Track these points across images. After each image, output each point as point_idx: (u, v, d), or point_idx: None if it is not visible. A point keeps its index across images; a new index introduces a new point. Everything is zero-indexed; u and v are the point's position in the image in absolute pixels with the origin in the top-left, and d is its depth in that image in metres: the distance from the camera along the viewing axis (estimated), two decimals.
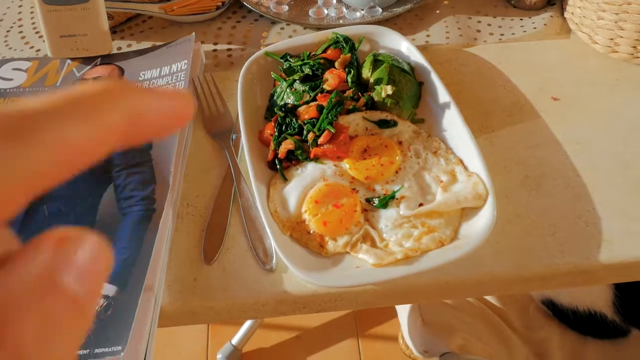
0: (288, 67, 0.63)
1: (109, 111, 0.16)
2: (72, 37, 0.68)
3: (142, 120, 0.17)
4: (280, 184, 0.54)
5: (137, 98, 0.17)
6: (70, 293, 0.14)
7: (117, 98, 0.17)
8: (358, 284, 0.47)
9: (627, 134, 0.59)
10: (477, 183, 0.50)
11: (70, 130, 0.15)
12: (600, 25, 0.64)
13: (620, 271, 0.51)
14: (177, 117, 0.18)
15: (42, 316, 0.13)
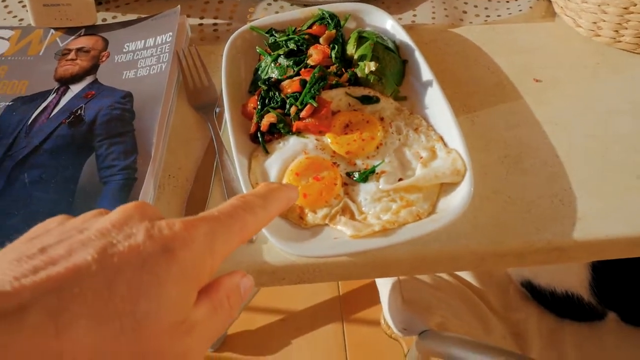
0: (273, 42, 0.63)
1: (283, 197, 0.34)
2: (56, 6, 0.68)
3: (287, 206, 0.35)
4: (262, 157, 0.54)
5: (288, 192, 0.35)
6: (242, 296, 0.30)
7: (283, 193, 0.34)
8: (335, 254, 0.47)
9: (605, 117, 0.60)
10: (456, 159, 0.51)
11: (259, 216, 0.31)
12: (584, 8, 0.65)
13: (594, 249, 0.52)
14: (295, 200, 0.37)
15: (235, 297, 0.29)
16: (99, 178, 0.54)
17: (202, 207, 0.54)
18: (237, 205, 0.30)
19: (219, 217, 0.28)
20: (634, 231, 0.51)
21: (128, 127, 0.57)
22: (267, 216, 0.32)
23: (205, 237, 0.27)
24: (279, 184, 0.36)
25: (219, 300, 0.28)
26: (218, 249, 0.27)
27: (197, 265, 0.26)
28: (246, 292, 0.31)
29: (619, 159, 0.56)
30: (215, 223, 0.28)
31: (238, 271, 0.31)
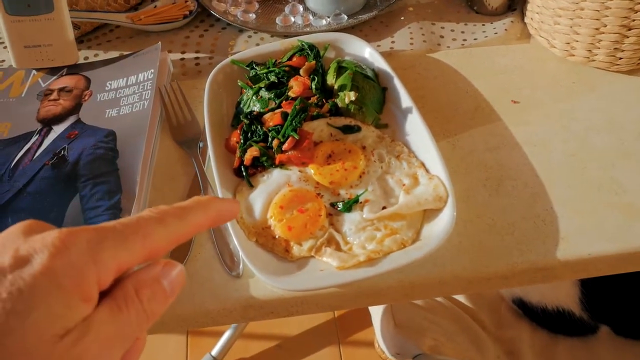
0: (254, 74, 0.63)
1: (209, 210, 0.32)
2: (37, 47, 0.68)
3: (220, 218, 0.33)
4: (246, 191, 0.55)
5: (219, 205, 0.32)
6: (164, 289, 0.28)
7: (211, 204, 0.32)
8: (322, 286, 0.47)
9: (582, 135, 0.61)
10: (438, 185, 0.52)
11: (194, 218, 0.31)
12: (557, 30, 0.66)
13: (578, 267, 0.52)
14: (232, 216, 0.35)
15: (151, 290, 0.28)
16: (84, 219, 0.54)
17: (187, 243, 0.54)
18: (143, 215, 0.28)
19: (113, 226, 0.27)
20: (617, 248, 0.52)
21: (112, 167, 0.57)
22: (184, 228, 0.30)
23: (87, 244, 0.25)
24: (212, 197, 0.32)
25: (123, 297, 0.27)
26: (105, 257, 0.26)
27: (74, 275, 0.25)
28: (174, 283, 0.29)
29: (597, 176, 0.57)
30: (103, 232, 0.26)
31: (160, 262, 0.29)
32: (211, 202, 0.32)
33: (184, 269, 0.30)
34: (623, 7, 0.59)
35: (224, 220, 0.33)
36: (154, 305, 0.28)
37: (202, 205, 0.31)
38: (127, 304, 0.27)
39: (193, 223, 0.30)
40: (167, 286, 0.28)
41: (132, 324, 0.27)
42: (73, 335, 0.25)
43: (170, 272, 0.29)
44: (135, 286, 0.27)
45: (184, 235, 0.30)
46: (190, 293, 0.50)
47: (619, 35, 0.62)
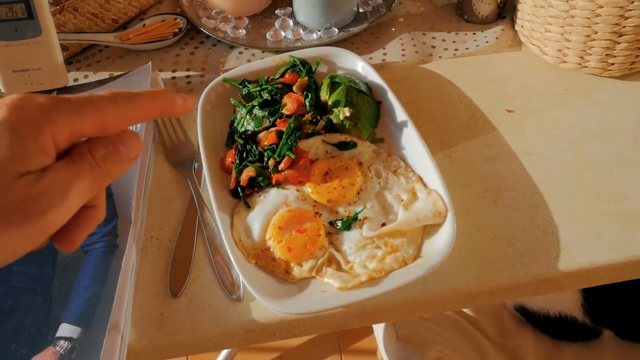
0: (247, 92, 0.63)
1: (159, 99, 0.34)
2: (26, 71, 0.67)
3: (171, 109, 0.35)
4: (243, 212, 0.54)
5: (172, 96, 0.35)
6: (118, 151, 0.32)
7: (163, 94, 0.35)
8: (325, 308, 0.47)
9: (578, 143, 0.61)
10: (437, 200, 0.51)
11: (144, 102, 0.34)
12: (549, 37, 0.66)
13: (580, 277, 0.52)
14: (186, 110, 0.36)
15: (105, 150, 0.32)
16: (80, 247, 0.53)
17: (187, 268, 0.53)
18: (98, 93, 0.32)
19: (68, 97, 0.31)
20: (618, 257, 0.52)
21: (106, 192, 0.56)
22: (133, 109, 0.33)
23: (41, 106, 0.29)
24: (167, 90, 0.37)
25: (78, 153, 0.31)
26: (59, 119, 0.29)
27: (30, 127, 0.29)
28: (130, 146, 0.33)
29: (595, 184, 0.57)
30: (58, 100, 0.30)
31: (124, 131, 0.33)
32: (163, 93, 0.35)
33: (141, 138, 0.34)
34: (613, 14, 0.59)
35: (175, 111, 0.36)
36: (109, 163, 0.32)
37: (154, 93, 0.34)
38: (81, 157, 0.31)
39: (142, 106, 0.33)
40: (122, 149, 0.33)
41: (86, 173, 0.31)
42: (32, 176, 0.29)
43: (125, 138, 0.33)
44: (89, 146, 0.32)
45: (133, 116, 0.33)
46: (191, 318, 0.50)
47: (610, 42, 0.62)
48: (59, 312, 0.48)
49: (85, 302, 0.48)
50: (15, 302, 0.50)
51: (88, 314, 0.48)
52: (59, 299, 0.49)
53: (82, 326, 0.47)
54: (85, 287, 0.49)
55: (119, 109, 0.32)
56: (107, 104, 0.31)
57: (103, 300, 0.48)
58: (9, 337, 0.47)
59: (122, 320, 0.48)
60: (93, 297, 0.49)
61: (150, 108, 0.34)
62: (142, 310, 0.50)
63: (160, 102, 0.35)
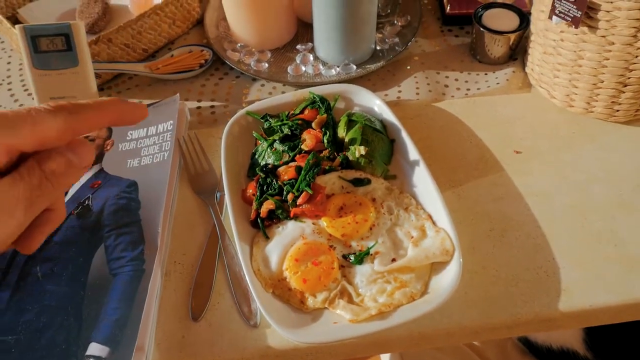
0: (268, 126, 0.67)
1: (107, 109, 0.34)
2: (62, 99, 0.72)
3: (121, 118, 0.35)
4: (262, 242, 0.57)
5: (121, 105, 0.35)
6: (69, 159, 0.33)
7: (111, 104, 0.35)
8: (337, 339, 0.50)
9: (583, 186, 0.63)
10: (445, 239, 0.54)
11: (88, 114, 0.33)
12: (557, 82, 0.70)
13: (580, 318, 0.55)
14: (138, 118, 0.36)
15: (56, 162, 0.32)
16: (109, 270, 0.57)
17: (207, 293, 0.56)
18: (36, 106, 0.32)
19: (4, 113, 0.30)
20: (617, 299, 0.54)
21: (135, 217, 0.60)
22: (76, 122, 0.32)
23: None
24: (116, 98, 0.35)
25: (26, 168, 0.31)
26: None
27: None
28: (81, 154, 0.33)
29: (597, 227, 0.60)
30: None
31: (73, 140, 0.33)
32: (111, 103, 0.34)
33: (91, 145, 0.34)
34: (619, 66, 0.62)
35: (126, 121, 0.35)
36: (60, 176, 0.32)
37: (100, 105, 0.34)
38: (28, 173, 0.31)
39: (86, 118, 0.33)
40: (74, 158, 0.33)
41: (34, 189, 0.31)
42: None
43: (76, 147, 0.33)
44: (38, 159, 0.32)
45: (77, 128, 0.32)
46: (210, 342, 0.53)
47: (616, 91, 0.65)
48: (88, 331, 0.52)
49: (113, 323, 0.52)
50: (48, 320, 0.53)
51: (116, 335, 0.51)
52: (89, 318, 0.53)
53: (111, 346, 0.50)
54: (113, 309, 0.53)
55: (60, 122, 0.31)
56: (45, 118, 0.31)
57: (130, 322, 0.52)
58: (42, 352, 0.51)
59: (147, 341, 0.51)
60: (121, 319, 0.52)
61: (97, 119, 0.33)
62: (164, 332, 0.54)
63: (108, 113, 0.34)
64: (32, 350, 0.51)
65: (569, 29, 0.63)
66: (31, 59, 0.69)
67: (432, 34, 0.85)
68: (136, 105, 0.36)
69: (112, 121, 0.35)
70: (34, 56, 0.69)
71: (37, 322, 0.53)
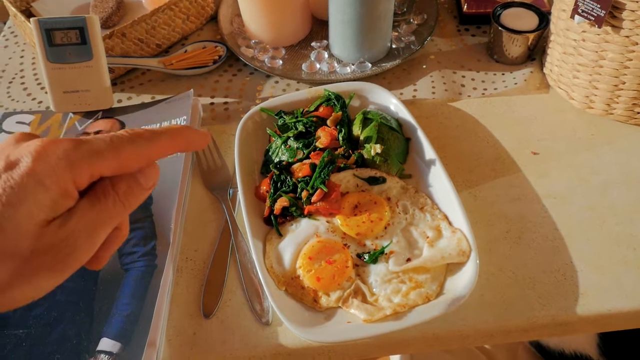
0: (282, 123, 0.66)
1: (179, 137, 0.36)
2: (75, 92, 0.72)
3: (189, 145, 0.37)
4: (275, 240, 0.57)
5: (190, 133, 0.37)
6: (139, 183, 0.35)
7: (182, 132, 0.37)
8: (350, 339, 0.49)
9: (601, 188, 0.62)
10: (461, 239, 0.54)
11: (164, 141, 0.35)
12: (576, 83, 0.68)
13: (597, 323, 0.54)
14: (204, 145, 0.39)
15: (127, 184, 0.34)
16: (121, 265, 0.56)
17: (219, 290, 0.56)
18: (117, 134, 0.33)
19: (90, 140, 0.32)
20: (635, 305, 0.53)
21: (147, 212, 0.60)
22: (151, 149, 0.34)
23: (64, 152, 0.31)
24: (185, 126, 0.38)
25: (102, 190, 0.33)
26: (80, 163, 0.31)
27: (53, 175, 0.30)
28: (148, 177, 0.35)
29: (616, 231, 0.58)
30: (80, 143, 0.32)
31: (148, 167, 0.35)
32: (181, 131, 0.36)
33: (159, 168, 0.36)
34: None
35: (192, 148, 0.38)
36: (130, 196, 0.34)
37: (172, 132, 0.36)
38: (104, 195, 0.33)
39: (160, 145, 0.35)
40: (142, 180, 0.35)
41: (109, 210, 0.33)
42: (59, 220, 0.31)
43: (145, 170, 0.35)
44: (112, 182, 0.34)
45: (152, 155, 0.35)
46: (221, 339, 0.52)
47: (638, 92, 0.64)
48: (100, 326, 0.51)
49: (125, 318, 0.51)
50: (59, 314, 0.53)
51: (127, 330, 0.51)
52: (101, 313, 0.52)
53: (122, 341, 0.50)
54: (125, 305, 0.53)
55: (138, 149, 0.33)
56: (126, 146, 0.33)
57: (141, 318, 0.52)
58: (53, 347, 0.51)
59: (159, 337, 0.51)
60: (132, 314, 0.52)
61: (169, 147, 0.36)
62: (176, 328, 0.53)
63: (179, 141, 0.36)
64: (43, 344, 0.51)
65: (592, 28, 0.62)
66: (45, 52, 0.69)
67: (448, 33, 0.84)
68: (202, 132, 0.38)
69: (181, 148, 0.37)
70: (48, 49, 0.69)
71: (48, 316, 0.53)
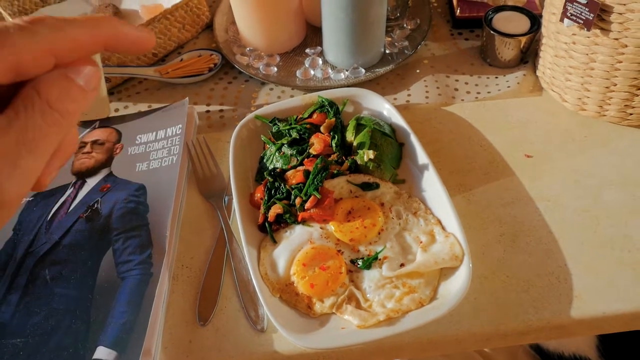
0: (277, 130, 0.66)
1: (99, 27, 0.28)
2: None
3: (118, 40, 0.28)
4: (270, 247, 0.57)
5: (118, 25, 0.28)
6: (77, 84, 0.27)
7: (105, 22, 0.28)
8: (344, 345, 0.49)
9: (595, 190, 0.62)
10: (454, 244, 0.54)
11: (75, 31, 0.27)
12: (569, 85, 0.69)
13: (592, 325, 0.54)
14: (141, 45, 0.29)
15: (59, 87, 0.26)
16: (117, 273, 0.57)
17: (214, 297, 0.56)
18: (7, 24, 0.25)
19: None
20: (630, 307, 0.53)
21: (143, 221, 0.60)
22: (59, 40, 0.26)
23: None
24: (114, 17, 0.29)
25: (22, 101, 0.25)
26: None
27: None
28: (88, 76, 0.27)
29: (610, 233, 0.59)
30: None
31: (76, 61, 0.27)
32: (107, 21, 0.28)
33: (99, 67, 0.28)
34: (632, 69, 0.61)
35: (125, 44, 0.29)
36: (67, 102, 0.26)
37: (93, 21, 0.27)
38: (26, 107, 0.25)
39: (72, 36, 0.26)
40: (76, 77, 0.26)
41: (38, 126, 0.25)
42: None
43: (79, 69, 0.27)
44: (36, 87, 0.25)
45: (60, 49, 0.26)
46: (217, 346, 0.53)
47: (629, 94, 0.64)
48: (96, 335, 0.52)
49: (120, 327, 0.52)
50: (56, 323, 0.53)
51: (123, 339, 0.51)
52: (97, 322, 0.53)
53: (117, 350, 0.50)
54: (121, 313, 0.53)
55: (38, 41, 0.25)
56: (20, 37, 0.25)
57: (137, 326, 0.52)
58: (50, 355, 0.51)
59: (154, 345, 0.51)
60: (128, 323, 0.52)
61: (86, 41, 0.27)
62: (171, 336, 0.54)
63: (100, 31, 0.27)
64: (40, 353, 0.51)
65: (581, 31, 0.62)
66: None
67: (441, 37, 0.84)
68: (138, 28, 0.29)
69: (106, 42, 0.28)
70: None
71: (45, 325, 0.53)
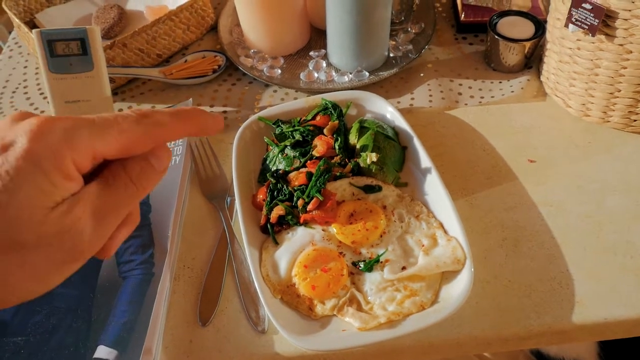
0: (280, 132, 0.67)
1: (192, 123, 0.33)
2: (77, 102, 0.72)
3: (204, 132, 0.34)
4: (272, 248, 0.57)
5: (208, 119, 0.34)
6: (151, 165, 0.32)
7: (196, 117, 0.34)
8: (345, 347, 0.49)
9: (598, 196, 0.62)
10: (456, 248, 0.54)
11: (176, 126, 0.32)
12: (573, 91, 0.69)
13: (594, 331, 0.54)
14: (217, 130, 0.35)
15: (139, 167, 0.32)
16: (119, 273, 0.57)
17: (216, 298, 0.56)
18: (123, 114, 0.31)
19: (92, 119, 0.30)
20: (632, 313, 0.53)
21: (145, 221, 0.60)
22: (160, 132, 0.32)
23: (63, 131, 0.28)
24: (196, 109, 0.34)
25: (112, 174, 0.31)
26: (80, 143, 0.28)
27: (51, 157, 0.28)
28: (162, 159, 0.32)
29: (613, 238, 0.58)
30: (80, 121, 0.29)
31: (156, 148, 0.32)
32: (192, 113, 0.33)
33: (170, 150, 0.34)
34: (636, 75, 0.61)
35: (205, 133, 0.35)
36: (143, 179, 0.32)
37: (182, 115, 0.33)
38: (115, 179, 0.30)
39: (170, 129, 0.32)
40: (154, 161, 0.32)
41: (121, 194, 0.31)
42: (63, 207, 0.28)
43: (157, 152, 0.32)
44: (123, 164, 0.31)
45: (159, 137, 0.32)
46: (217, 347, 0.53)
47: (633, 100, 0.64)
48: (97, 334, 0.52)
49: (121, 326, 0.52)
50: (57, 322, 0.53)
51: (124, 338, 0.51)
52: (98, 321, 0.53)
53: (118, 349, 0.50)
54: (122, 312, 0.53)
55: (144, 130, 0.31)
56: (132, 126, 0.30)
57: (138, 325, 0.52)
58: (51, 354, 0.51)
59: (155, 345, 0.51)
60: (129, 322, 0.52)
61: (179, 130, 0.33)
62: (172, 336, 0.54)
63: (189, 124, 0.33)
64: (41, 351, 0.51)
65: (586, 37, 0.62)
66: (47, 62, 0.70)
67: (446, 42, 0.84)
68: (215, 116, 0.35)
69: (192, 132, 0.34)
70: (50, 60, 0.70)
71: (46, 323, 0.53)
